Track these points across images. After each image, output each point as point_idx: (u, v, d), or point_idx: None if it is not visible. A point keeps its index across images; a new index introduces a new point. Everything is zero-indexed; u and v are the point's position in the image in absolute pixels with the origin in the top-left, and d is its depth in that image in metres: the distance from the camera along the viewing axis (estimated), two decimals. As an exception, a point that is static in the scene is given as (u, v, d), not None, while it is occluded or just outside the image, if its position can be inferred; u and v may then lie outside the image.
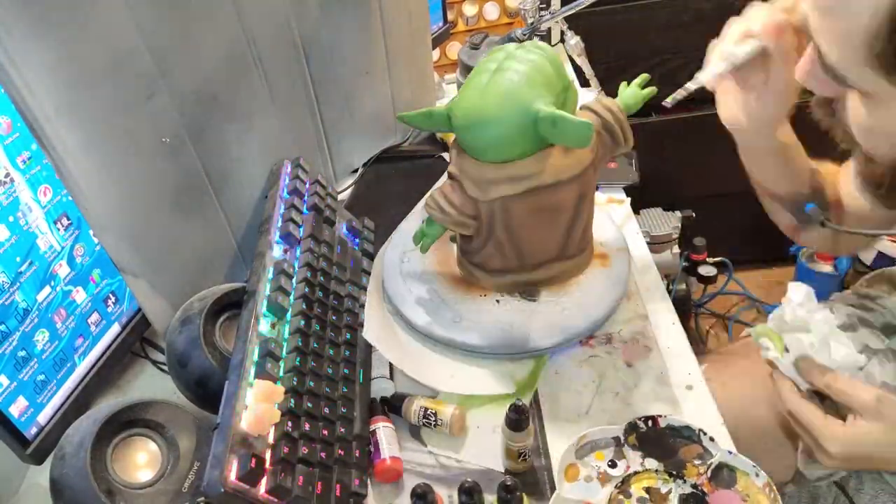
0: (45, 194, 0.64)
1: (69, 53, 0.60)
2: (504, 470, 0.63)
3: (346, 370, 0.67)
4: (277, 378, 0.60)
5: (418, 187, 0.99)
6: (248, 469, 0.52)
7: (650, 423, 0.61)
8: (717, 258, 1.77)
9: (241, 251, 0.84)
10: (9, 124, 0.60)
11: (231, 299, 0.71)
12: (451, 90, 1.27)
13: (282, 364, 0.62)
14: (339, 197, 1.00)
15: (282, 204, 0.79)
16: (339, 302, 0.74)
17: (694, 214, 1.73)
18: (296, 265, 0.73)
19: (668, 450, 0.55)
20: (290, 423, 0.57)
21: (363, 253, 0.85)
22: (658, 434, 0.61)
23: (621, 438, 0.61)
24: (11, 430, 0.61)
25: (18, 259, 0.61)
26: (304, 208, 0.81)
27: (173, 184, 0.73)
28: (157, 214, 0.73)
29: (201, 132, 0.74)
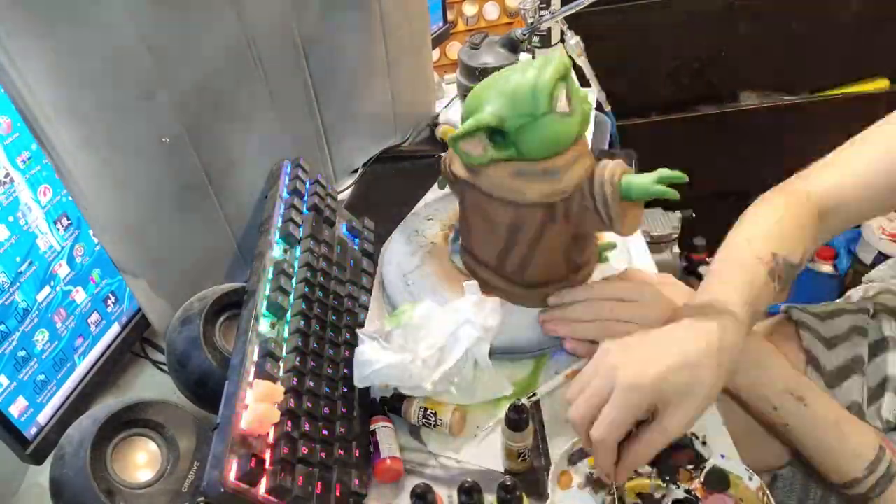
0: (45, 194, 0.64)
1: (69, 53, 0.60)
2: (504, 470, 0.63)
3: (346, 370, 0.67)
4: (277, 378, 0.60)
5: (418, 187, 0.99)
6: (248, 469, 0.52)
7: None
8: (717, 258, 1.77)
9: (241, 251, 0.84)
10: (9, 124, 0.60)
11: (231, 299, 0.71)
12: (451, 90, 1.27)
13: (282, 364, 0.62)
14: (339, 197, 1.00)
15: (282, 204, 0.79)
16: (339, 302, 0.74)
17: (694, 214, 1.74)
18: (296, 265, 0.73)
19: (660, 455, 0.54)
20: (290, 423, 0.57)
21: (363, 253, 0.85)
22: None
23: None
24: (11, 430, 0.61)
25: (18, 259, 0.61)
26: (304, 208, 0.81)
27: (173, 184, 0.73)
28: (157, 214, 0.73)
29: (201, 132, 0.74)
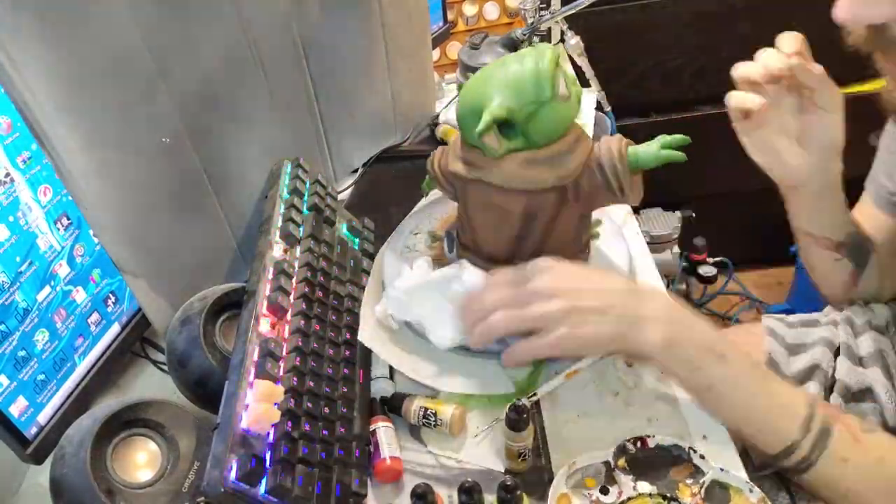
0: (45, 194, 0.64)
1: (69, 53, 0.60)
2: (504, 470, 0.63)
3: (346, 370, 0.67)
4: (277, 378, 0.60)
5: (418, 187, 0.99)
6: (248, 469, 0.52)
7: (639, 444, 0.60)
8: (717, 258, 1.77)
9: (241, 251, 0.84)
10: (9, 124, 0.60)
11: (231, 299, 0.71)
12: (451, 90, 1.27)
13: (282, 364, 0.62)
14: (339, 197, 1.01)
15: (282, 204, 0.79)
16: (339, 302, 0.74)
17: (694, 214, 1.74)
18: (296, 265, 0.73)
19: (659, 470, 0.54)
20: (290, 423, 0.57)
21: (363, 253, 0.85)
22: (648, 455, 0.60)
23: (611, 463, 0.59)
24: (11, 430, 0.61)
25: (18, 259, 0.61)
26: (305, 208, 0.81)
27: (173, 184, 0.73)
28: (157, 214, 0.73)
29: (201, 132, 0.74)
